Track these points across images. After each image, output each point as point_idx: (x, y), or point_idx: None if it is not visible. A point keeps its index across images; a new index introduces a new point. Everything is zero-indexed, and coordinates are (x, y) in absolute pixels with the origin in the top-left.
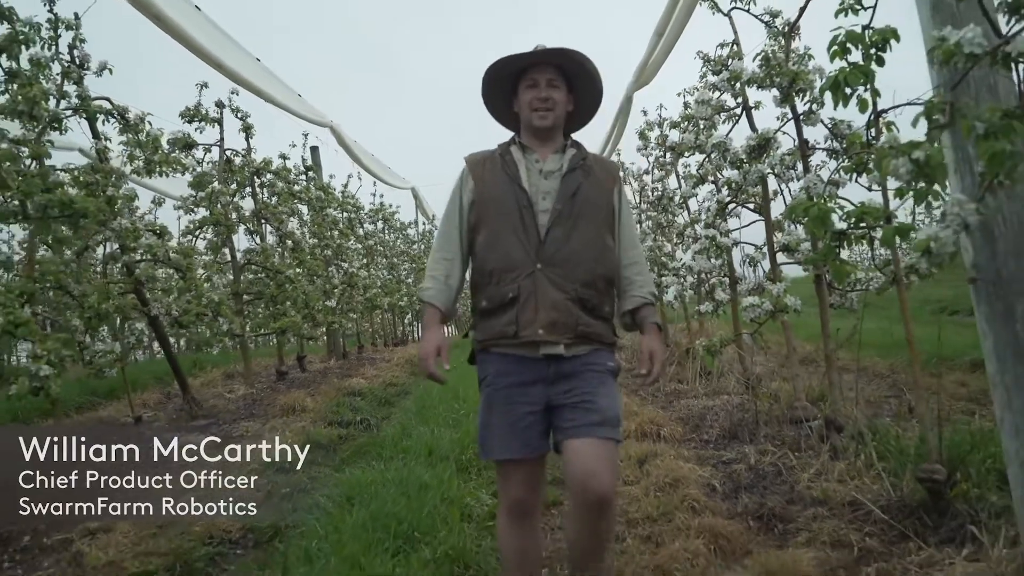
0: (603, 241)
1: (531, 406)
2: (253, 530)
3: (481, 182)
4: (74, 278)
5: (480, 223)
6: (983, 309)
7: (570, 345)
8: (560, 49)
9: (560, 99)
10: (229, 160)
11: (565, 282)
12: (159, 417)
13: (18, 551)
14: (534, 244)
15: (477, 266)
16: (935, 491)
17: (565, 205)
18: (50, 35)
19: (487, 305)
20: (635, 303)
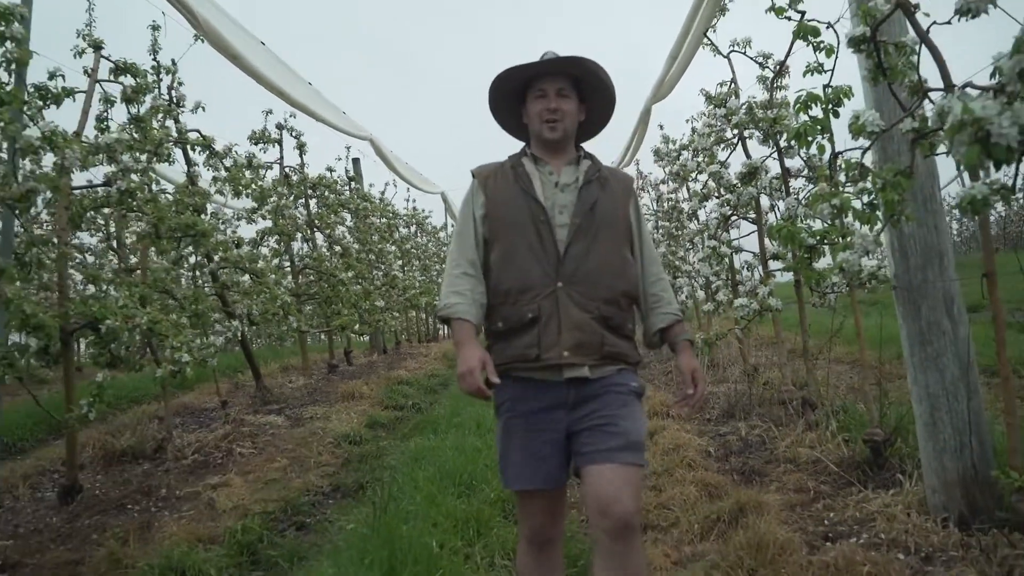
0: (623, 256)
1: (552, 433)
2: (339, 486)
3: (492, 196)
4: (176, 284)
5: (493, 239)
6: (900, 309)
7: (595, 367)
8: (570, 57)
9: (570, 109)
10: (287, 176)
11: (588, 300)
12: (238, 403)
13: (159, 500)
14: (552, 261)
15: (491, 285)
16: (875, 449)
17: (584, 219)
18: (154, 79)
19: (503, 327)
20: (667, 320)
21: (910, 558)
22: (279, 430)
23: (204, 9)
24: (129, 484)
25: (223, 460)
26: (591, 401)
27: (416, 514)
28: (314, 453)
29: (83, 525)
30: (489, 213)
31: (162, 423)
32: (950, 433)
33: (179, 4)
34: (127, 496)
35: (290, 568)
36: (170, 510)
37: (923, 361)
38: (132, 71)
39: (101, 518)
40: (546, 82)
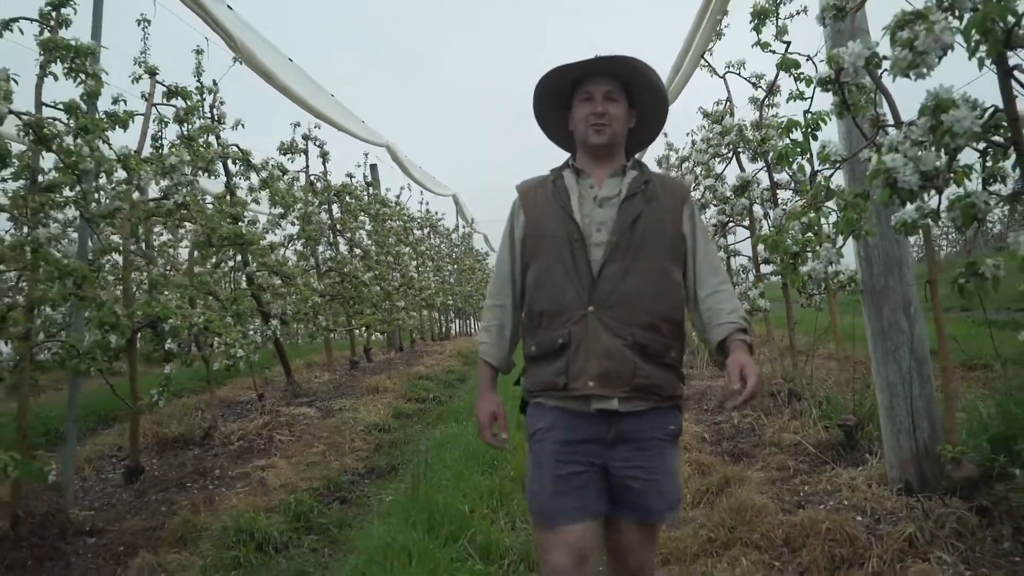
0: (668, 276)
1: (582, 466)
2: (373, 468)
3: (532, 214)
4: (218, 286)
5: (530, 260)
6: (866, 310)
7: (625, 399)
8: (619, 57)
9: (618, 114)
10: (312, 183)
11: (621, 326)
12: (271, 396)
13: (214, 479)
14: (586, 283)
15: (527, 308)
16: (848, 433)
17: (622, 237)
18: (198, 99)
19: (536, 351)
20: (725, 332)
21: (864, 519)
22: (312, 420)
23: (240, 31)
24: (184, 467)
25: (265, 446)
26: (628, 445)
27: (447, 487)
28: (347, 440)
29: (151, 500)
30: (528, 234)
31: (206, 413)
32: (905, 416)
33: (220, 29)
34: (185, 476)
35: (339, 532)
36: (226, 487)
37: (884, 355)
38: (183, 94)
39: (165, 494)
40: (593, 84)
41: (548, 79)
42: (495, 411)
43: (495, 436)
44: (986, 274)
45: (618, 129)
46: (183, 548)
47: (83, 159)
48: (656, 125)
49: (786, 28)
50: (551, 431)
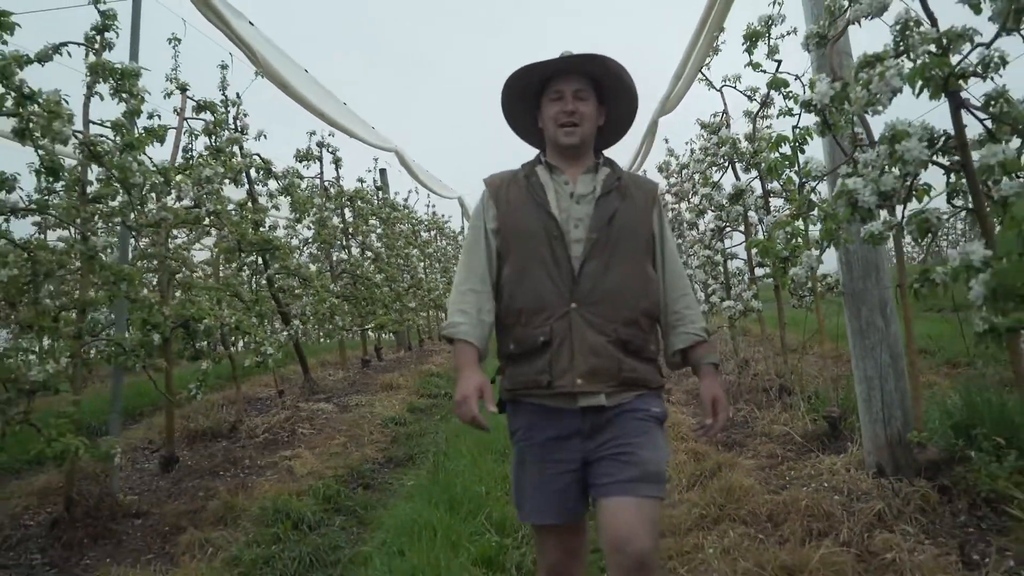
0: (645, 272)
1: (568, 463)
2: (392, 458)
3: (504, 208)
4: (241, 288)
5: (505, 254)
6: (847, 311)
7: (612, 393)
8: (588, 55)
9: (588, 112)
10: (326, 189)
11: (605, 322)
12: (289, 392)
13: (245, 468)
14: (567, 280)
15: (504, 305)
16: (832, 424)
17: (601, 233)
18: (223, 112)
19: (515, 349)
20: (688, 341)
21: (841, 498)
22: (331, 415)
23: (259, 45)
24: (215, 457)
25: (289, 438)
26: (608, 428)
27: (464, 472)
28: (366, 432)
29: (188, 486)
30: (501, 227)
31: (231, 408)
32: (880, 407)
33: (242, 45)
34: (217, 465)
35: (365, 513)
36: (256, 475)
37: (863, 351)
38: (211, 108)
39: (200, 481)
40: (563, 83)
41: (517, 77)
42: (481, 384)
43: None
44: (936, 280)
45: (588, 128)
46: (225, 527)
47: (132, 174)
48: (625, 123)
49: (777, 48)
50: (532, 430)
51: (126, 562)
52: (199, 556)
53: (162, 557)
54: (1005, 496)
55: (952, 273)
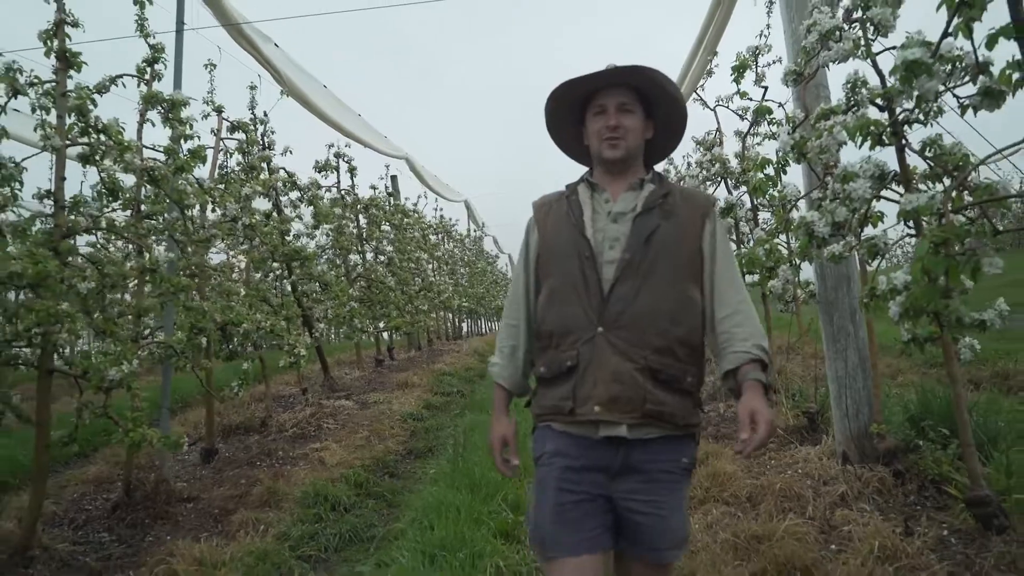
0: (684, 295)
1: (589, 496)
2: (412, 450)
3: (545, 231)
4: (272, 294)
5: (543, 278)
6: (821, 317)
7: (635, 426)
8: (632, 67)
9: (634, 126)
10: (343, 197)
11: (632, 348)
12: (311, 390)
13: (279, 459)
14: (595, 302)
15: (537, 327)
16: (811, 418)
17: (636, 253)
18: (252, 130)
19: (544, 373)
20: (737, 361)
21: (811, 481)
22: (352, 411)
23: (283, 65)
24: (250, 449)
25: (316, 433)
26: (636, 476)
27: (480, 462)
28: (387, 427)
29: (229, 475)
30: (541, 250)
31: (260, 405)
32: (849, 404)
33: (269, 66)
34: (253, 457)
35: (393, 497)
36: (291, 465)
37: (834, 354)
38: (243, 128)
39: (240, 471)
40: (606, 96)
41: (559, 93)
42: (506, 434)
43: (506, 462)
44: (881, 289)
45: (633, 142)
46: (270, 509)
47: (187, 196)
48: (675, 135)
49: (764, 75)
50: (556, 456)
51: (187, 538)
52: (251, 533)
53: (217, 534)
54: (947, 478)
55: (882, 295)
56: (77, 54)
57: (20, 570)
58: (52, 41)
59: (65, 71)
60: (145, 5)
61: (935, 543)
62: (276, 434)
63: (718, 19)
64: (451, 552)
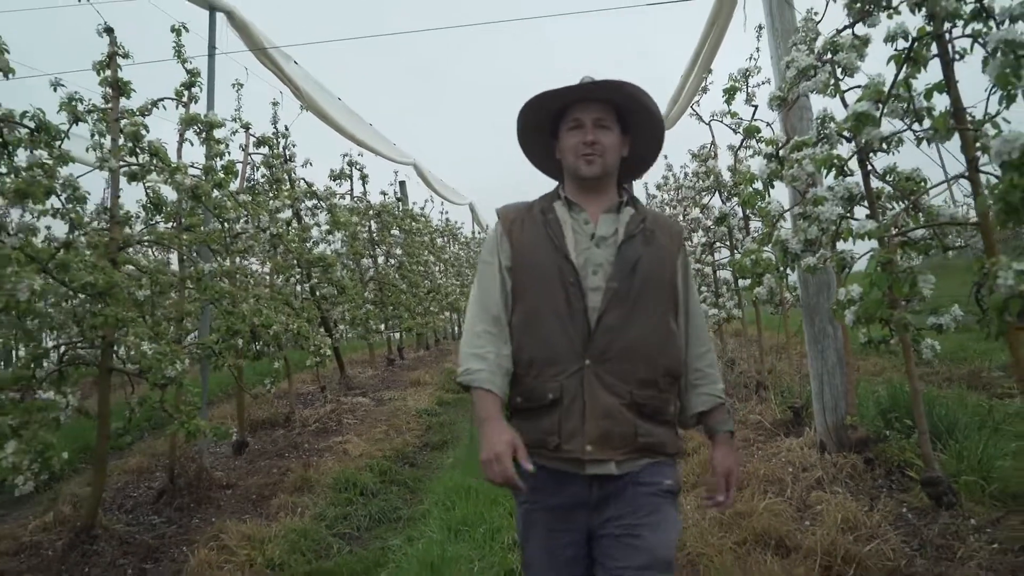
0: (667, 326)
1: (574, 535)
2: (428, 442)
3: (518, 245)
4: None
5: (517, 297)
6: (804, 320)
7: (624, 461)
8: (609, 81)
9: (611, 143)
10: (356, 204)
11: (619, 383)
12: (328, 388)
13: (305, 451)
14: (581, 332)
15: (513, 352)
16: (796, 413)
17: (622, 283)
18: (275, 144)
19: (522, 403)
20: (709, 404)
21: (792, 468)
22: (369, 408)
23: (302, 81)
24: (278, 442)
25: (337, 427)
26: (615, 502)
27: None
28: (403, 422)
29: (262, 465)
30: (515, 265)
31: (283, 401)
32: (829, 398)
33: (290, 83)
34: (282, 449)
35: (414, 484)
36: (317, 456)
37: (815, 353)
38: (268, 143)
39: (271, 461)
40: (582, 111)
41: (532, 105)
42: (512, 440)
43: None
44: (841, 299)
45: (611, 159)
46: (303, 494)
47: (227, 210)
48: (651, 153)
49: (754, 95)
50: (538, 493)
51: (231, 519)
52: (290, 514)
53: (258, 516)
54: (909, 464)
55: (839, 304)
56: (127, 82)
57: (86, 547)
58: (105, 71)
59: (117, 98)
60: (182, 32)
61: (893, 518)
62: (300, 428)
63: (712, 40)
64: (472, 527)
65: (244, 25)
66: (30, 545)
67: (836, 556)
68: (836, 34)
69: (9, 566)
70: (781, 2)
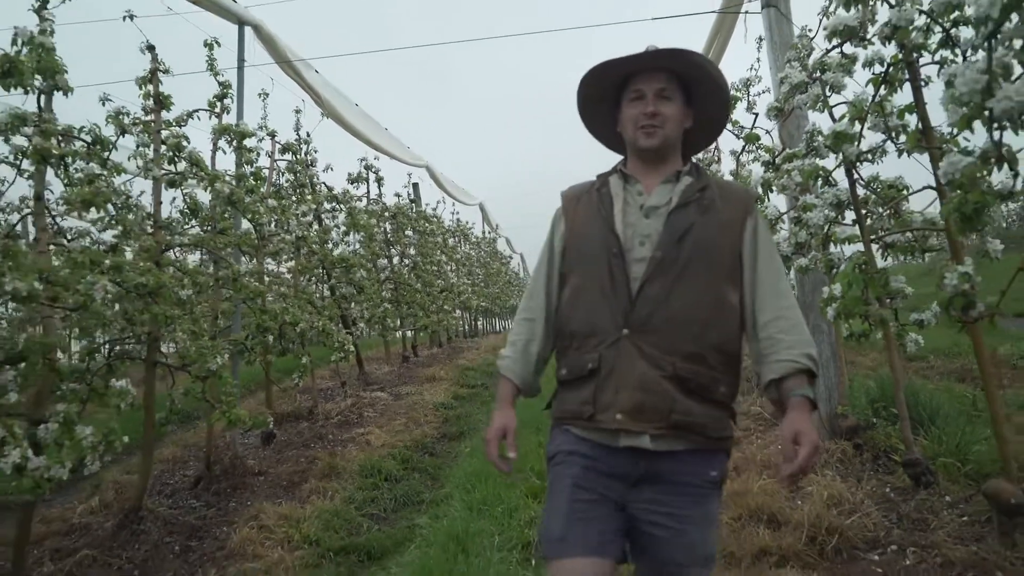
0: (721, 298)
1: (604, 498)
2: (446, 434)
3: (572, 224)
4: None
5: (567, 274)
6: None
7: (659, 437)
8: (674, 50)
9: (672, 113)
10: (372, 206)
11: (661, 354)
12: (348, 384)
13: (329, 441)
14: (623, 303)
15: (559, 326)
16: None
17: (668, 251)
18: (299, 149)
19: (566, 375)
20: (781, 370)
21: None
22: (388, 402)
23: (321, 88)
24: (303, 434)
25: (358, 420)
26: (657, 486)
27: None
28: (421, 415)
29: (290, 455)
30: (568, 243)
31: (304, 396)
32: (823, 390)
33: (311, 91)
34: (307, 440)
35: (434, 471)
36: (341, 446)
37: None
38: (292, 149)
39: (298, 451)
40: (643, 81)
41: (593, 75)
42: (506, 426)
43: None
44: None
45: (671, 131)
46: (332, 480)
47: (260, 215)
48: (717, 125)
49: (755, 103)
50: (573, 455)
51: (267, 502)
52: (321, 497)
53: (291, 499)
54: (894, 448)
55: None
56: (168, 96)
57: (134, 527)
58: (147, 86)
59: (159, 111)
60: (214, 47)
61: (876, 496)
62: (324, 421)
63: (715, 49)
64: (491, 507)
65: (270, 38)
66: (80, 526)
67: (821, 528)
68: (824, 54)
69: (64, 544)
70: (779, 16)
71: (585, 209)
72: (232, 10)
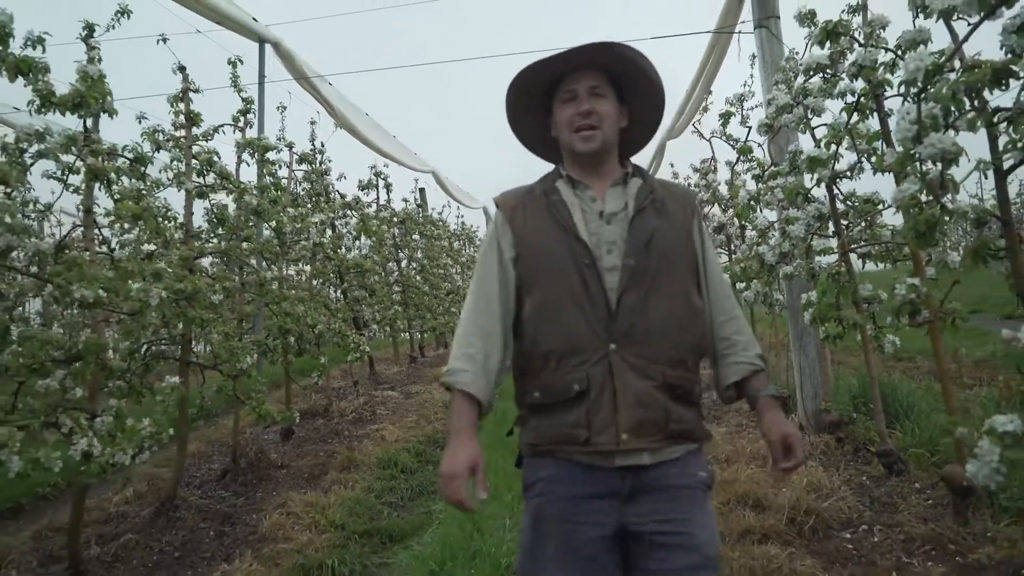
0: (689, 301)
1: (599, 528)
2: None
3: (522, 233)
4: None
5: (526, 288)
6: (789, 320)
7: (656, 450)
8: (599, 44)
9: (608, 112)
10: (381, 212)
11: (649, 364)
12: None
13: (345, 437)
14: (602, 316)
15: (526, 347)
16: (783, 402)
17: (639, 259)
18: (312, 159)
19: (542, 399)
20: (743, 372)
21: None
22: (399, 400)
23: (334, 99)
24: (320, 430)
25: (372, 417)
26: (653, 494)
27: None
28: (432, 412)
29: (309, 449)
30: (520, 255)
31: (319, 395)
32: (809, 388)
33: (324, 102)
34: (324, 436)
35: None
36: (357, 441)
37: (799, 349)
38: (308, 160)
39: (317, 446)
40: (575, 81)
41: (520, 81)
42: (475, 461)
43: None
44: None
45: (609, 130)
46: (351, 472)
47: (283, 224)
48: (652, 122)
49: (748, 117)
50: (555, 484)
51: (292, 492)
52: (342, 487)
53: (314, 489)
54: (872, 441)
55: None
56: (198, 114)
57: (170, 514)
58: (179, 104)
59: (190, 127)
60: (237, 65)
61: (853, 483)
62: (339, 418)
63: (711, 65)
64: (501, 494)
65: (288, 54)
66: (118, 515)
67: (800, 510)
68: (805, 80)
69: (106, 530)
70: (771, 37)
71: (534, 216)
72: (253, 29)
